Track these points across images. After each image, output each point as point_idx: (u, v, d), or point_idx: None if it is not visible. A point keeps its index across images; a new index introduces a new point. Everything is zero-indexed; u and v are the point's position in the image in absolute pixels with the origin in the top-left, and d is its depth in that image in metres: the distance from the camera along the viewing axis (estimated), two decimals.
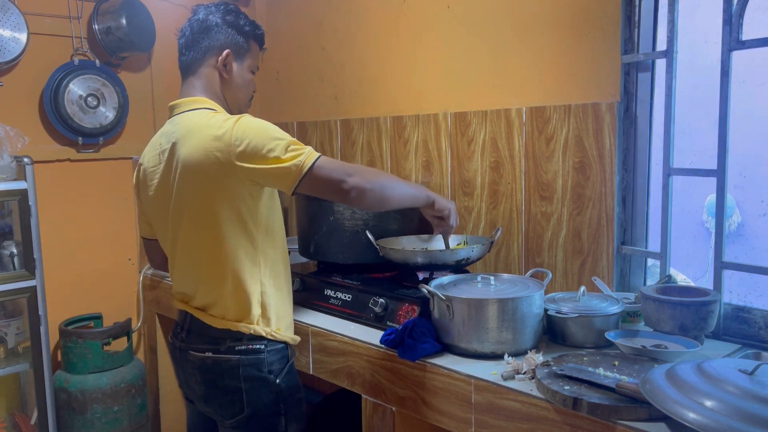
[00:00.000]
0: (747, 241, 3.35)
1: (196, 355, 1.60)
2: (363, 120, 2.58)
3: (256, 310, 1.57)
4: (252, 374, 1.57)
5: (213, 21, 1.61)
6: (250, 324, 1.57)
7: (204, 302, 1.60)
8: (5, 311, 2.43)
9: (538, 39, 1.97)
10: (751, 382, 1.14)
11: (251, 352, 1.57)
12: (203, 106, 1.59)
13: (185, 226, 1.57)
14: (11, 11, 2.44)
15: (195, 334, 1.62)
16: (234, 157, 1.46)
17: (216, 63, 1.62)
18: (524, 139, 2.02)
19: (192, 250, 1.59)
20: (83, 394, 2.53)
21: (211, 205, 1.51)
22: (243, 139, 1.46)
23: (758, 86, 3.01)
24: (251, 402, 1.57)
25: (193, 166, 1.50)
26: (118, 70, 2.78)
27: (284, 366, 1.62)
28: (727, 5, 1.63)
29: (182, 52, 1.64)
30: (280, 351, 1.62)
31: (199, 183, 1.51)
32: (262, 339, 1.58)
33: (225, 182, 1.49)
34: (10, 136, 2.29)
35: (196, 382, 1.63)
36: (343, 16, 2.65)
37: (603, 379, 1.31)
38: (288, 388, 1.62)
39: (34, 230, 2.31)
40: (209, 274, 1.57)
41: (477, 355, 1.56)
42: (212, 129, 1.49)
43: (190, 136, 1.52)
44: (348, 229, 2.03)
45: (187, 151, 1.51)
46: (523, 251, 2.05)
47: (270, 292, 1.60)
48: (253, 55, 1.69)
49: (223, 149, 1.46)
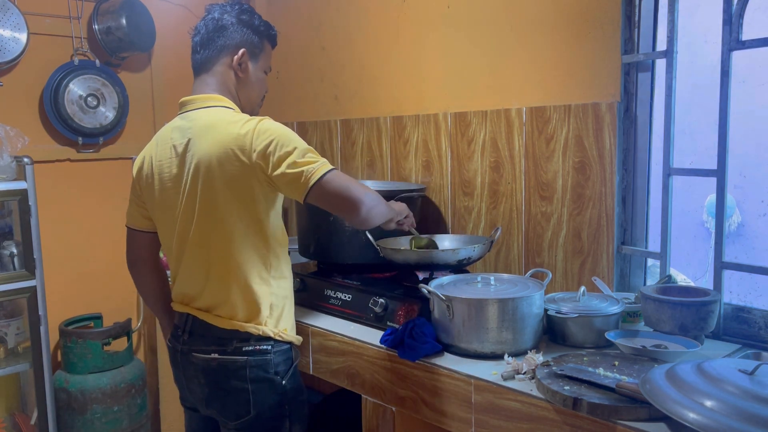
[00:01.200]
0: (747, 241, 3.35)
1: (200, 357, 1.59)
2: (363, 120, 2.58)
3: (265, 310, 1.57)
4: (259, 375, 1.56)
5: (228, 20, 1.61)
6: (259, 325, 1.56)
7: (210, 302, 1.58)
8: (5, 311, 2.43)
9: (538, 39, 1.97)
10: (751, 382, 1.14)
11: (258, 353, 1.56)
12: (221, 104, 1.59)
13: (198, 222, 1.55)
14: (11, 11, 2.44)
15: (198, 335, 1.60)
16: (256, 157, 1.46)
17: (231, 62, 1.62)
18: (524, 139, 2.02)
19: (203, 247, 1.56)
20: (83, 394, 2.53)
21: (227, 203, 1.51)
22: (265, 140, 1.46)
23: (758, 86, 3.00)
24: (257, 403, 1.57)
25: (212, 163, 1.49)
26: (118, 70, 2.78)
27: (290, 367, 1.62)
28: (727, 5, 1.63)
29: (196, 50, 1.63)
30: (285, 352, 1.61)
31: (217, 180, 1.50)
32: (269, 340, 1.58)
33: (244, 181, 1.49)
34: (10, 136, 2.29)
35: (199, 385, 1.61)
36: (343, 17, 2.65)
37: (603, 379, 1.31)
38: (293, 389, 1.62)
39: (34, 230, 2.31)
40: (220, 273, 1.56)
41: (477, 355, 1.56)
42: (234, 127, 1.49)
43: (210, 133, 1.51)
44: (348, 229, 2.03)
45: (206, 148, 1.50)
46: (523, 251, 2.05)
47: (278, 293, 1.60)
48: (267, 55, 1.70)
49: (246, 148, 1.47)
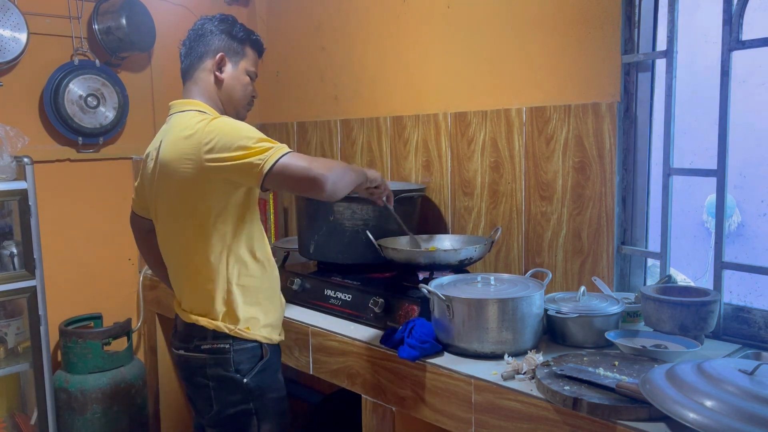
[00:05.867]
0: (747, 241, 3.35)
1: (176, 353, 1.71)
2: (363, 120, 2.58)
3: (219, 307, 1.61)
4: (218, 373, 1.61)
5: (208, 28, 1.70)
6: (213, 320, 1.61)
7: (178, 295, 1.71)
8: (5, 311, 2.43)
9: (538, 39, 1.97)
10: (751, 382, 1.14)
11: (216, 351, 1.61)
12: (194, 108, 1.64)
13: (161, 220, 1.67)
14: (11, 11, 2.44)
15: (177, 332, 1.71)
16: (203, 155, 1.51)
17: (211, 66, 1.68)
18: (524, 139, 2.02)
19: (168, 243, 1.69)
20: (83, 394, 2.53)
21: (182, 202, 1.59)
22: (212, 138, 1.50)
23: (758, 86, 3.00)
24: (218, 400, 1.63)
25: (167, 165, 1.58)
26: (118, 70, 2.78)
27: (254, 365, 1.64)
28: (727, 5, 1.63)
29: (182, 59, 1.74)
30: (249, 350, 1.64)
31: (173, 181, 1.58)
32: (227, 337, 1.61)
33: (195, 180, 1.54)
34: (10, 136, 2.29)
35: (180, 379, 1.74)
36: (343, 16, 2.65)
37: (603, 379, 1.31)
38: (259, 387, 1.64)
39: (34, 230, 2.31)
40: (180, 267, 1.67)
41: (477, 355, 1.56)
42: (185, 130, 1.56)
43: (170, 136, 1.60)
44: (348, 229, 2.03)
45: (164, 151, 1.60)
46: (523, 251, 2.05)
47: (237, 291, 1.62)
48: (250, 60, 1.74)
49: (194, 148, 1.52)
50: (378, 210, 2.01)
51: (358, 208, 2.02)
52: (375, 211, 2.01)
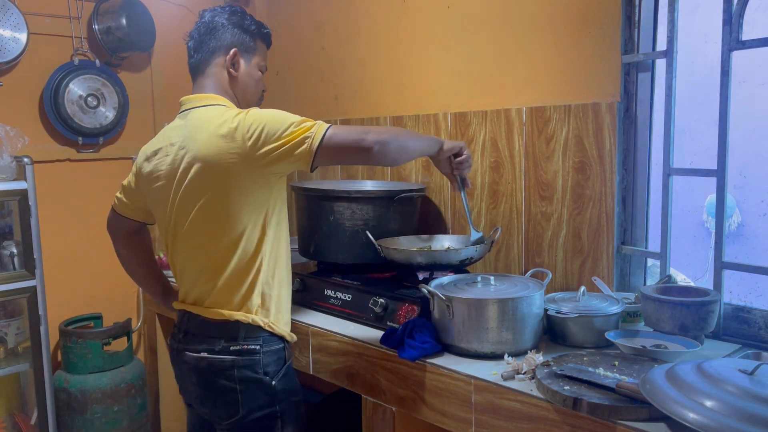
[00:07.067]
0: (747, 241, 3.35)
1: (191, 356, 1.60)
2: (363, 120, 2.58)
3: (256, 300, 1.57)
4: (247, 376, 1.56)
5: (219, 22, 1.64)
6: (248, 313, 1.57)
7: (202, 293, 1.60)
8: (5, 311, 2.43)
9: (538, 39, 1.97)
10: (751, 382, 1.14)
11: (246, 353, 1.56)
12: (216, 103, 1.61)
13: (194, 217, 1.57)
14: (11, 11, 2.44)
15: (191, 334, 1.62)
16: (249, 148, 1.48)
17: (224, 62, 1.65)
18: (524, 139, 2.02)
19: (198, 240, 1.59)
20: (83, 394, 2.53)
21: (224, 196, 1.52)
22: (256, 128, 1.48)
23: (758, 86, 3.00)
24: (246, 403, 1.57)
25: (206, 160, 1.52)
26: (118, 70, 2.78)
27: (281, 368, 1.61)
28: (727, 5, 1.63)
29: (191, 54, 1.68)
30: (276, 352, 1.61)
31: (213, 176, 1.52)
32: (257, 338, 1.57)
33: (241, 174, 1.50)
34: (10, 136, 2.29)
35: (192, 384, 1.63)
36: (343, 16, 2.65)
37: (603, 379, 1.31)
38: (284, 390, 1.61)
39: (34, 230, 2.31)
40: (213, 262, 1.57)
41: (477, 355, 1.56)
42: (225, 124, 1.51)
43: (202, 132, 1.54)
44: (348, 229, 2.03)
45: (200, 146, 1.53)
46: (523, 251, 2.05)
47: (271, 283, 1.60)
48: (261, 54, 1.72)
49: (239, 141, 1.48)
50: (378, 210, 2.01)
51: (358, 208, 2.02)
52: (375, 211, 2.01)
